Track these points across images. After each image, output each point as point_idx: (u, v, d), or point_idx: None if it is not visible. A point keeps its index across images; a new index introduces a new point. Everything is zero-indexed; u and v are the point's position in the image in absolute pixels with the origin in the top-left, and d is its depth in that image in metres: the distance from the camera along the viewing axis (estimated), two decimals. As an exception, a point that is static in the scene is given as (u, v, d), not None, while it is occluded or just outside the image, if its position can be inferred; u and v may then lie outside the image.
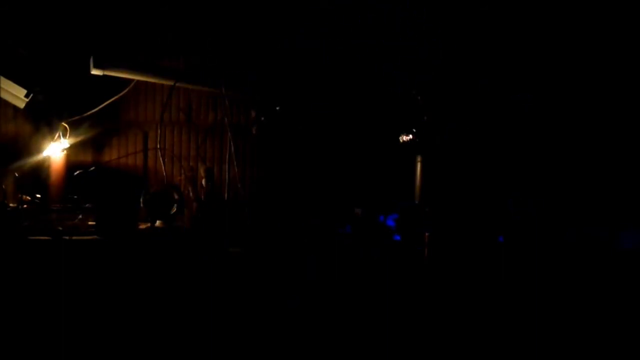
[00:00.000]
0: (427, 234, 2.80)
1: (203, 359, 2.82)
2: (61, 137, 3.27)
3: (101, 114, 3.50)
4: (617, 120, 3.37)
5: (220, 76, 3.47)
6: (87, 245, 2.82)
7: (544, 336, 2.73)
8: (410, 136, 2.98)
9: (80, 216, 2.97)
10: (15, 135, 3.39)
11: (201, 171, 3.43)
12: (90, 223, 2.98)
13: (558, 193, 3.28)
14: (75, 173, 3.30)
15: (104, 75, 3.34)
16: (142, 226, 3.12)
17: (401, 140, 3.07)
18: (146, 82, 3.55)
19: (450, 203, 2.94)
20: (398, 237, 2.98)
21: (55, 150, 3.26)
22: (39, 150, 3.25)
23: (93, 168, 3.41)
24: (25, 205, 3.01)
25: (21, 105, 3.26)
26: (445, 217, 2.89)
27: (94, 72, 3.31)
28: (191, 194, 3.31)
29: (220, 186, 3.43)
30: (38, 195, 3.13)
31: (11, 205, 2.98)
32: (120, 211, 2.98)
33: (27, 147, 3.31)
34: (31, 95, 3.18)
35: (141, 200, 3.12)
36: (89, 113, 3.46)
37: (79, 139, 3.40)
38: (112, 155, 3.60)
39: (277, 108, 3.48)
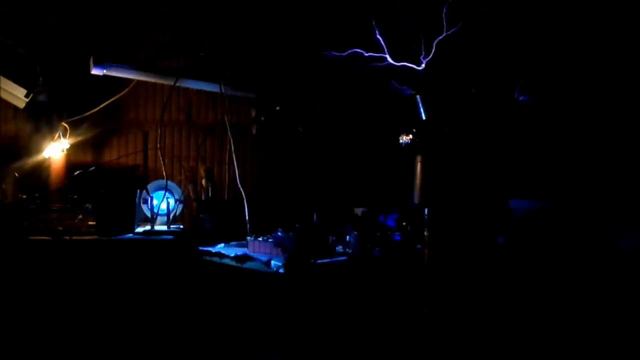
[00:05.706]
0: (427, 234, 2.80)
1: (202, 358, 2.82)
2: (61, 137, 3.27)
3: (101, 114, 3.50)
4: (617, 121, 3.37)
5: (220, 76, 3.48)
6: (87, 245, 2.82)
7: (544, 337, 2.73)
8: (410, 136, 2.97)
9: (80, 216, 2.97)
10: (15, 135, 3.38)
11: (201, 171, 3.43)
12: (90, 223, 2.98)
13: (558, 194, 3.28)
14: (75, 173, 3.29)
15: (104, 75, 3.34)
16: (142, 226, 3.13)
17: (401, 140, 3.07)
18: (146, 82, 3.55)
19: (450, 203, 2.94)
20: (398, 237, 2.98)
21: (55, 150, 3.26)
22: (39, 150, 3.25)
23: (93, 168, 3.41)
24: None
25: (21, 105, 3.26)
26: (445, 217, 2.89)
27: (94, 72, 3.31)
28: (191, 194, 3.31)
29: (220, 186, 3.43)
30: (38, 195, 3.14)
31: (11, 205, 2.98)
32: (120, 211, 2.98)
33: (27, 147, 3.30)
34: (31, 95, 3.19)
35: (141, 200, 3.12)
36: (89, 113, 3.46)
37: (79, 139, 3.40)
38: (112, 155, 3.60)
39: (277, 108, 3.48)
